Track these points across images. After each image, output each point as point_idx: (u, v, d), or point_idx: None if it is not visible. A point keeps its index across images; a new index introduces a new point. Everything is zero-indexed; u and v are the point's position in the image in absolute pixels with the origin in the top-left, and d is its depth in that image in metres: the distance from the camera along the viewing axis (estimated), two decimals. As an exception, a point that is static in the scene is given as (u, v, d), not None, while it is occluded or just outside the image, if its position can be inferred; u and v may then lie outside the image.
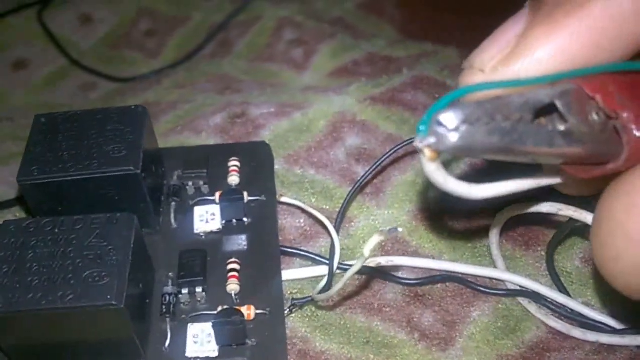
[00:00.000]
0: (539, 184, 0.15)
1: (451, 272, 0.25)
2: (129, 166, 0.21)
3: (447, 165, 0.14)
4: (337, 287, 0.19)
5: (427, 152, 0.12)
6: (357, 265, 0.17)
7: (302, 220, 0.27)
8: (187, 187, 0.25)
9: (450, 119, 0.12)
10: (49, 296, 0.18)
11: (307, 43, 0.41)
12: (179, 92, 0.37)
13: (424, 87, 0.34)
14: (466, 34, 0.42)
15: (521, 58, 0.14)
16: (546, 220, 0.26)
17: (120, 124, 0.22)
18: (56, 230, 0.20)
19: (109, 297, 0.18)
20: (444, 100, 0.12)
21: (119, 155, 0.21)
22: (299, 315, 0.23)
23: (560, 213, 0.22)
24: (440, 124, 0.12)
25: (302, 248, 0.25)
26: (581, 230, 0.25)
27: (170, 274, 0.22)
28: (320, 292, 0.22)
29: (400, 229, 0.17)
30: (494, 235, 0.25)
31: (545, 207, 0.22)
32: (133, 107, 0.23)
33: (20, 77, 0.43)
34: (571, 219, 0.22)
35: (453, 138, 0.12)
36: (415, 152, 0.29)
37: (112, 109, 0.23)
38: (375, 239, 0.16)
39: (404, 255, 0.26)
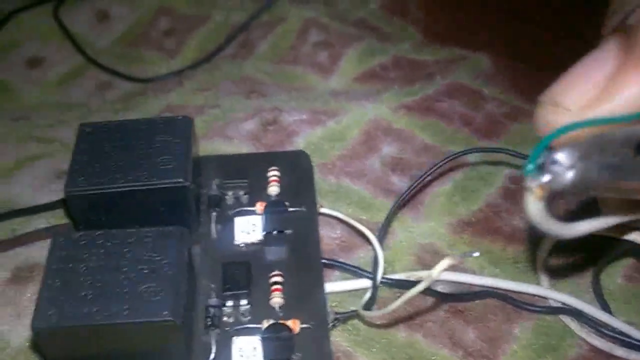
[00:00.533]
0: (623, 219, 0.16)
1: (493, 287, 0.26)
2: (179, 178, 0.22)
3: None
4: (394, 306, 0.20)
5: (538, 191, 0.13)
6: (420, 286, 0.18)
7: (339, 232, 0.28)
8: (227, 197, 0.26)
9: (567, 156, 0.12)
10: (104, 311, 0.19)
11: (333, 46, 0.42)
12: (203, 95, 0.38)
13: (459, 96, 0.35)
14: (493, 36, 0.43)
15: (612, 100, 0.14)
16: (589, 236, 0.27)
17: (167, 135, 0.23)
18: (108, 244, 0.20)
19: (165, 312, 0.19)
20: (546, 140, 0.13)
21: (168, 166, 0.22)
22: (340, 329, 0.24)
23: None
24: (556, 162, 0.12)
25: (341, 260, 0.26)
26: (626, 249, 0.26)
27: (212, 285, 0.23)
28: (365, 306, 0.23)
29: (476, 253, 0.18)
30: (543, 252, 0.26)
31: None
32: (179, 118, 0.24)
33: (35, 74, 0.44)
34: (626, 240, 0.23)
35: (570, 175, 0.12)
36: (455, 164, 0.30)
37: (158, 118, 0.24)
38: (446, 262, 0.17)
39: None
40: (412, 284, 0.25)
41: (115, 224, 0.22)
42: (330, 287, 0.25)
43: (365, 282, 0.25)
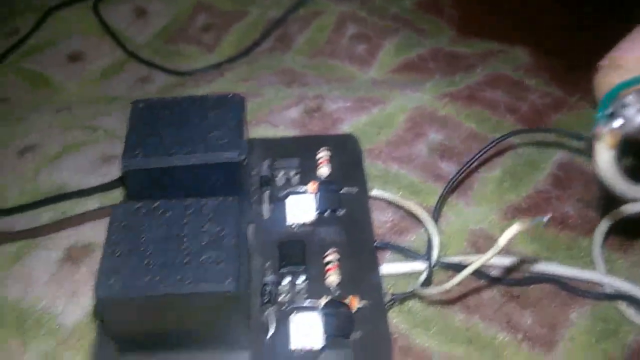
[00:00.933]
0: None
1: (548, 273, 0.25)
2: (234, 153, 0.22)
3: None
4: (457, 279, 0.19)
5: (609, 139, 0.13)
6: (487, 255, 0.18)
7: (390, 215, 0.27)
8: (277, 178, 0.25)
9: (637, 99, 0.12)
10: (168, 280, 0.18)
11: (370, 39, 0.42)
12: (245, 85, 0.38)
13: (501, 86, 0.35)
14: (526, 34, 0.43)
15: None
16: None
17: (220, 111, 0.23)
18: (167, 214, 0.20)
19: (227, 282, 0.18)
20: (617, 88, 0.13)
21: (222, 142, 0.22)
22: (397, 311, 0.24)
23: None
24: (626, 105, 0.12)
25: (394, 243, 0.26)
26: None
27: (267, 264, 0.23)
28: (422, 287, 0.23)
29: (547, 217, 0.17)
30: (598, 236, 0.25)
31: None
32: (230, 95, 0.24)
33: (77, 69, 0.44)
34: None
35: None
36: (503, 150, 0.30)
37: (210, 96, 0.24)
38: (515, 229, 0.17)
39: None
40: (462, 267, 0.24)
41: (170, 198, 0.21)
42: (384, 269, 0.24)
43: (420, 265, 0.24)
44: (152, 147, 0.22)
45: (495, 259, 0.25)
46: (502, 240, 0.17)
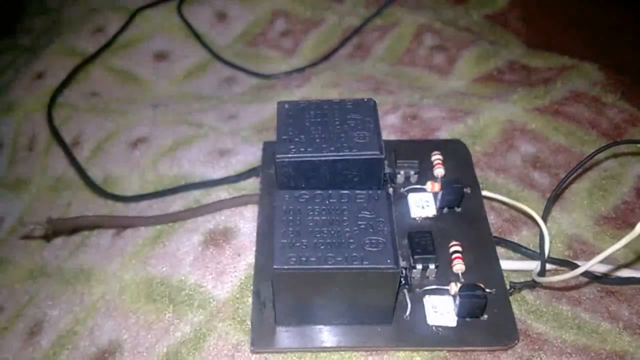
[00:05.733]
0: None
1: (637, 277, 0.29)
2: (375, 151, 0.26)
3: None
4: (584, 267, 0.23)
5: None
6: (622, 242, 0.21)
7: (492, 217, 0.31)
8: (398, 176, 0.30)
9: None
10: (337, 257, 0.22)
11: (448, 49, 0.46)
12: (336, 90, 0.42)
13: (583, 102, 0.39)
14: (594, 49, 0.47)
15: None
16: None
17: (357, 114, 0.27)
18: (327, 202, 0.24)
19: (389, 261, 0.22)
20: None
21: (363, 141, 0.26)
22: (512, 299, 0.27)
23: None
24: None
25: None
26: None
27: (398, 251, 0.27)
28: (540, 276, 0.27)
29: None
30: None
31: None
32: (365, 100, 0.28)
33: (163, 68, 0.48)
34: None
35: None
36: (589, 166, 0.34)
37: (347, 100, 0.28)
38: None
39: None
40: (572, 264, 0.28)
41: (315, 188, 0.25)
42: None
43: (529, 264, 0.28)
44: (302, 143, 0.26)
45: (597, 265, 0.29)
46: (638, 228, 0.21)
